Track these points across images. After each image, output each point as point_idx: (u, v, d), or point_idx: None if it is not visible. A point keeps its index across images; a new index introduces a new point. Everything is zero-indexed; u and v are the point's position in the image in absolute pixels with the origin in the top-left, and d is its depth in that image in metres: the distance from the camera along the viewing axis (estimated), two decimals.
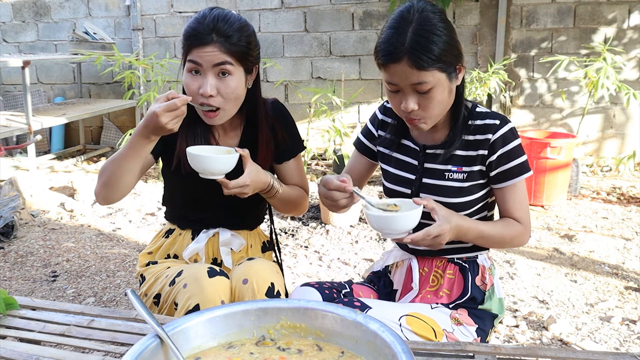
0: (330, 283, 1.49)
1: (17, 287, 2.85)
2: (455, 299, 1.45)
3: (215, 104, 1.43)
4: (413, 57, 1.25)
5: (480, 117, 1.41)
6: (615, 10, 4.57)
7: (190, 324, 0.94)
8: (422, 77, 1.26)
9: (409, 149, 1.49)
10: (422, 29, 1.25)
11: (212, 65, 1.41)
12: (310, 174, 4.67)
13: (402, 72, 1.27)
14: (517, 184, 1.40)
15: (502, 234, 1.38)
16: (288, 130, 1.64)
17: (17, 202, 3.68)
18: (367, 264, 3.00)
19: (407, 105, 1.31)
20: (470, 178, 1.40)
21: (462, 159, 1.41)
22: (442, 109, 1.35)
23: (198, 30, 1.41)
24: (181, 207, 1.67)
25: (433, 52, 1.25)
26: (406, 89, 1.30)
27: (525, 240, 1.42)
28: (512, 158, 1.38)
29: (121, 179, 1.44)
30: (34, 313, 1.27)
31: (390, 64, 1.28)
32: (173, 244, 1.65)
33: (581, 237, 3.31)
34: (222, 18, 1.42)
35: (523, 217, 1.40)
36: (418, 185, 1.44)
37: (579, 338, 2.26)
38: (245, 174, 1.43)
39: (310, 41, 5.20)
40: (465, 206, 1.41)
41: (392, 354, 0.82)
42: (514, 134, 1.39)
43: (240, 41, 1.43)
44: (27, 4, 5.86)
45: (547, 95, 4.83)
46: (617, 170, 4.64)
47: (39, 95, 5.83)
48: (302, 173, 1.70)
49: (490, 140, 1.37)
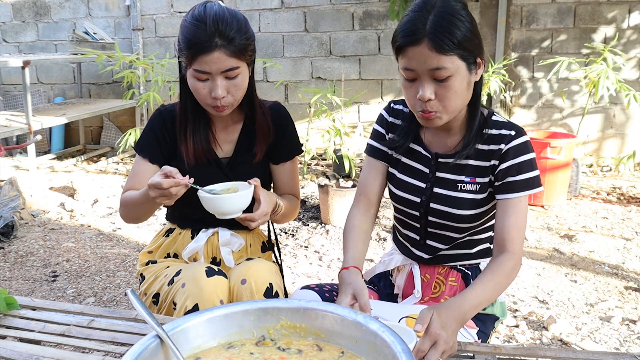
0: (330, 285, 1.47)
1: (17, 287, 2.85)
2: None
3: (227, 103, 1.46)
4: (434, 39, 1.19)
5: (496, 127, 1.35)
6: (615, 10, 4.57)
7: (190, 324, 0.94)
8: (442, 62, 1.20)
9: (420, 156, 1.42)
10: (445, 13, 1.20)
11: (220, 71, 1.42)
12: (310, 174, 4.67)
13: (421, 56, 1.21)
14: (520, 200, 1.31)
15: (499, 283, 1.26)
16: (288, 132, 1.65)
17: (17, 202, 3.68)
18: (367, 264, 3.00)
19: (424, 94, 1.23)
20: (482, 190, 1.35)
21: (475, 170, 1.36)
22: (460, 103, 1.27)
23: (200, 38, 1.39)
24: (181, 207, 1.67)
25: (455, 36, 1.19)
26: (424, 75, 1.23)
27: (517, 272, 1.31)
28: (522, 171, 1.31)
29: (139, 216, 1.57)
30: (34, 313, 1.27)
31: (409, 47, 1.22)
32: (173, 243, 1.66)
33: (581, 237, 3.31)
34: (221, 19, 1.40)
35: (515, 241, 1.29)
36: (429, 195, 1.39)
37: (579, 338, 2.26)
38: (263, 203, 1.45)
39: (310, 41, 5.20)
40: (472, 219, 1.37)
41: (392, 354, 0.82)
42: (527, 148, 1.32)
43: (241, 40, 1.42)
44: (27, 4, 5.86)
45: (547, 95, 4.83)
46: (617, 170, 4.64)
47: (39, 95, 5.83)
48: (296, 177, 1.71)
49: (502, 151, 1.32)
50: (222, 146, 1.61)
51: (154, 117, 1.61)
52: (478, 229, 1.43)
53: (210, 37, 1.38)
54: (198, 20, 1.40)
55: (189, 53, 1.41)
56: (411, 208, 1.43)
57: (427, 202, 1.39)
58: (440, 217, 1.39)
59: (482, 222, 1.41)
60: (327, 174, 4.63)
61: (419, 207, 1.41)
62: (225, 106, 1.47)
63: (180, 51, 1.45)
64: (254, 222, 1.45)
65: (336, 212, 3.56)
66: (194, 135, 1.56)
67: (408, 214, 1.46)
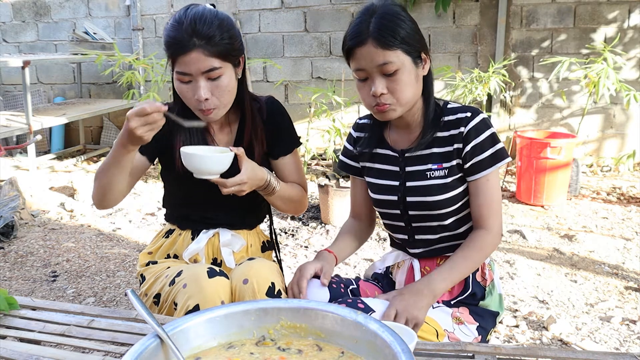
0: (337, 277, 1.51)
1: (17, 287, 2.85)
2: (457, 295, 1.46)
3: (212, 106, 1.45)
4: (378, 37, 1.30)
5: (451, 113, 1.43)
6: (615, 10, 4.56)
7: (190, 324, 0.94)
8: (387, 57, 1.30)
9: (388, 157, 1.50)
10: (385, 14, 1.32)
11: (201, 72, 1.40)
12: (310, 174, 4.67)
13: (367, 54, 1.32)
14: (488, 178, 1.40)
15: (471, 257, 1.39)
16: (283, 126, 1.64)
17: (17, 202, 3.68)
18: (367, 264, 3.00)
19: (376, 89, 1.33)
20: (451, 173, 1.42)
21: (441, 156, 1.43)
22: (411, 94, 1.36)
23: (178, 38, 1.38)
24: (181, 208, 1.67)
25: (396, 32, 1.30)
26: (373, 73, 1.33)
27: (494, 245, 1.42)
28: (486, 148, 1.39)
29: (111, 187, 1.46)
30: (34, 313, 1.27)
31: (356, 49, 1.33)
32: (173, 244, 1.65)
33: (581, 237, 3.31)
34: (199, 19, 1.39)
35: (488, 217, 1.40)
36: (403, 190, 1.45)
37: (579, 338, 2.26)
38: (242, 172, 1.45)
39: (310, 41, 5.20)
40: (449, 203, 1.42)
41: (392, 354, 0.82)
42: (486, 124, 1.40)
43: (222, 39, 1.40)
44: (27, 4, 5.86)
45: (547, 95, 4.83)
46: (617, 170, 4.64)
47: (39, 95, 5.83)
48: (300, 170, 1.70)
49: (463, 133, 1.40)
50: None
51: None
52: (463, 214, 1.47)
53: (188, 37, 1.37)
54: (177, 22, 1.40)
55: (169, 54, 1.42)
56: (391, 208, 1.49)
57: (404, 197, 1.45)
58: (418, 209, 1.45)
59: (462, 206, 1.45)
60: (327, 174, 4.63)
61: (398, 205, 1.47)
62: (211, 109, 1.45)
63: (166, 56, 1.46)
64: (225, 188, 1.44)
65: (336, 212, 3.56)
66: (190, 138, 1.55)
67: (391, 215, 1.52)
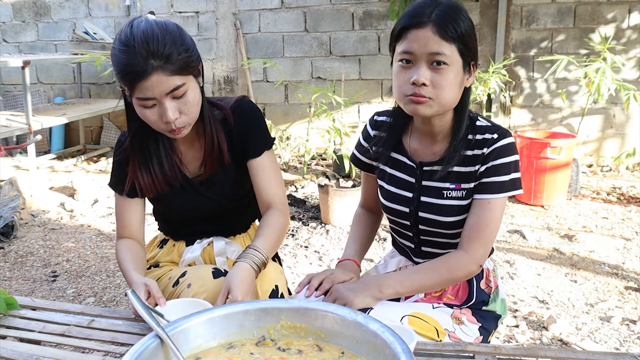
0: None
1: (17, 287, 2.85)
2: (461, 304, 1.43)
3: (182, 124, 1.34)
4: (440, 24, 1.22)
5: (480, 132, 1.34)
6: (615, 10, 4.56)
7: (190, 324, 0.94)
8: (443, 48, 1.22)
9: (404, 166, 1.43)
10: (450, 8, 1.25)
11: (165, 94, 1.28)
12: (310, 174, 4.67)
13: (423, 38, 1.22)
14: (492, 203, 1.30)
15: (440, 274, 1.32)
16: (254, 127, 1.51)
17: (17, 202, 3.68)
18: (367, 264, 3.00)
19: (418, 77, 1.23)
20: (468, 195, 1.34)
21: (460, 176, 1.35)
22: (452, 97, 1.27)
23: (133, 64, 1.24)
24: (169, 225, 1.67)
25: (459, 26, 1.23)
26: (421, 60, 1.24)
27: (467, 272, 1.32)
28: (500, 173, 1.30)
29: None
30: (34, 313, 1.27)
31: (413, 29, 1.24)
32: (168, 254, 1.64)
33: (581, 237, 3.31)
34: (150, 38, 1.25)
35: (476, 242, 1.30)
36: (416, 204, 1.39)
37: (579, 338, 2.26)
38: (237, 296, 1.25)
39: (310, 41, 5.20)
40: (461, 224, 1.35)
41: (392, 354, 0.82)
42: (509, 150, 1.31)
43: (179, 54, 1.28)
44: (27, 4, 5.86)
45: (547, 95, 4.83)
46: (617, 170, 4.64)
47: (39, 95, 5.83)
48: (277, 179, 1.54)
49: (484, 154, 1.31)
50: (189, 165, 1.51)
51: (116, 149, 1.52)
52: None
53: (143, 60, 1.24)
54: (126, 45, 1.26)
55: (126, 82, 1.28)
56: (402, 218, 1.44)
57: (416, 211, 1.40)
58: (429, 225, 1.40)
59: None
60: (327, 174, 4.63)
61: (409, 217, 1.42)
62: (181, 127, 1.34)
63: (118, 80, 1.31)
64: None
65: (336, 212, 3.56)
66: (159, 163, 1.45)
67: (400, 224, 1.47)
